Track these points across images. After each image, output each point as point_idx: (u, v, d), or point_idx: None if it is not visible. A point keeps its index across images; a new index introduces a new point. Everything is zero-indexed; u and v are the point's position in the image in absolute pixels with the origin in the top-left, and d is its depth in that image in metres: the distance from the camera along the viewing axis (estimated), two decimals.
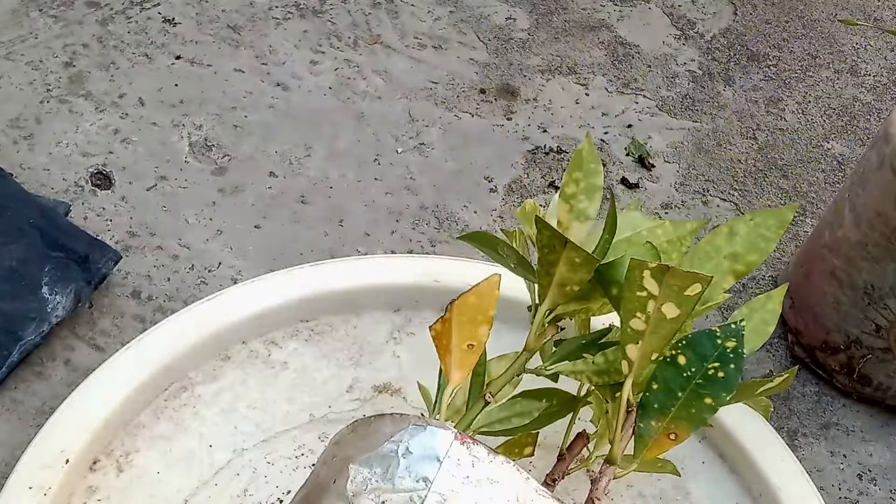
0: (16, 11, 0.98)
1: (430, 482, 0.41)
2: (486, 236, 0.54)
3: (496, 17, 1.06)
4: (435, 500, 0.41)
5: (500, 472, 0.42)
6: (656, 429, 0.49)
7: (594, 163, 0.56)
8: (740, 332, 0.49)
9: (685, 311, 0.47)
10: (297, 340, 0.71)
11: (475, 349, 0.50)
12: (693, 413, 0.48)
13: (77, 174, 0.84)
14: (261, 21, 1.02)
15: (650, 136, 0.94)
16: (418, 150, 0.91)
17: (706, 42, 1.06)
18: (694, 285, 0.46)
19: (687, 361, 0.49)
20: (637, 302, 0.47)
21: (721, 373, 0.48)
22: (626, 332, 0.48)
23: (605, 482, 0.50)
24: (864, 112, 0.99)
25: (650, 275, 0.46)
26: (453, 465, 0.42)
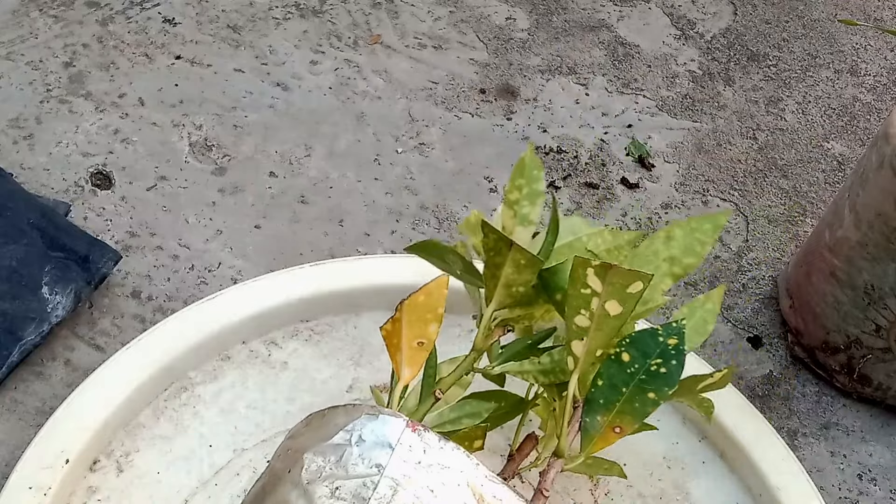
0: (16, 11, 0.98)
1: (382, 468, 0.42)
2: (433, 245, 0.56)
3: (496, 17, 1.06)
4: (388, 485, 0.42)
5: (451, 458, 0.43)
6: (601, 423, 0.51)
7: (536, 169, 0.59)
8: (681, 330, 0.51)
9: (628, 309, 0.49)
10: (297, 340, 0.71)
11: (425, 346, 0.51)
12: (637, 407, 0.51)
13: (77, 174, 0.84)
14: (261, 21, 1.02)
15: (650, 136, 0.94)
16: (418, 150, 0.91)
17: (706, 42, 1.06)
18: (635, 283, 0.48)
19: (631, 359, 0.51)
20: (581, 299, 0.49)
21: (663, 369, 0.51)
22: (572, 328, 0.51)
23: (552, 475, 0.52)
24: (864, 112, 0.99)
25: (594, 273, 0.48)
26: (405, 452, 0.43)
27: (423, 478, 0.42)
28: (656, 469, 0.66)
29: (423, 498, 0.41)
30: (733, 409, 0.67)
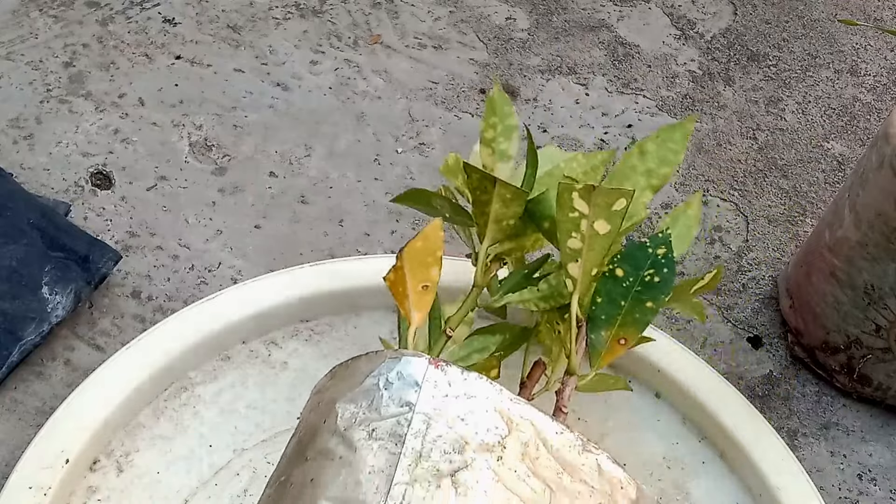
0: (16, 11, 0.98)
1: (413, 405, 0.43)
2: (419, 193, 0.60)
3: (496, 17, 1.06)
4: (421, 420, 0.43)
5: (476, 387, 0.45)
6: (606, 338, 0.54)
7: (507, 105, 0.63)
8: (667, 239, 0.54)
9: (615, 226, 0.52)
10: (297, 340, 0.71)
11: (430, 290, 0.54)
12: (637, 317, 0.53)
13: (77, 174, 0.84)
14: (261, 21, 1.02)
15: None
16: (418, 150, 0.91)
17: (706, 42, 1.06)
18: (619, 200, 0.51)
19: (624, 273, 0.54)
20: (571, 223, 0.52)
21: (657, 278, 0.54)
22: (566, 252, 0.53)
23: (568, 392, 0.54)
24: (864, 112, 0.99)
25: (579, 195, 0.50)
26: (431, 387, 0.44)
27: (452, 408, 0.44)
28: (656, 469, 0.66)
29: (456, 426, 0.43)
30: (733, 409, 0.67)
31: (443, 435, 0.43)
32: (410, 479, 0.41)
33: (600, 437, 0.66)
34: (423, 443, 0.42)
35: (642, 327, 0.53)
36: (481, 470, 0.42)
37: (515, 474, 0.43)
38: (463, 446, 0.42)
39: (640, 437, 0.67)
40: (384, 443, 0.42)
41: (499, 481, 0.42)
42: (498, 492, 0.42)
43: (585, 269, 0.53)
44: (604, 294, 0.54)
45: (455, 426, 0.43)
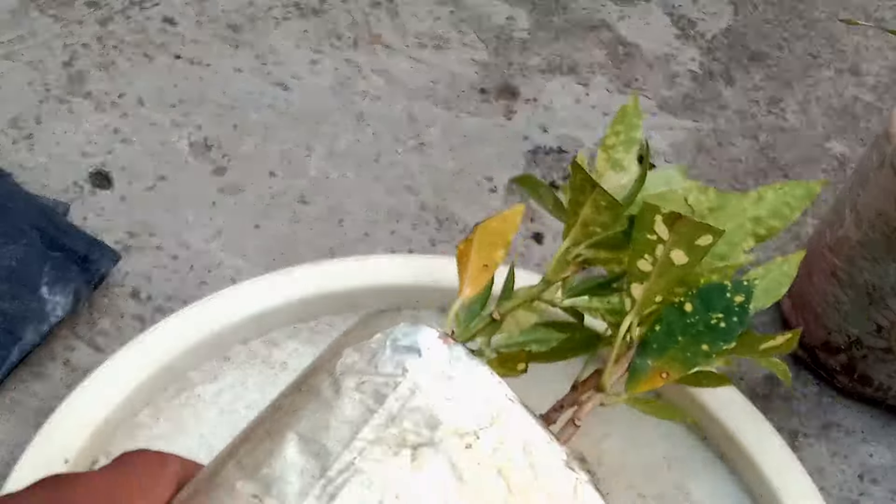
0: (15, 11, 0.98)
1: (406, 371, 0.43)
2: (530, 178, 0.60)
3: (496, 16, 1.06)
4: (407, 387, 0.43)
5: (475, 374, 0.44)
6: (651, 367, 0.52)
7: (636, 118, 0.60)
8: (751, 289, 0.51)
9: (694, 259, 0.49)
10: (297, 340, 0.71)
11: (488, 270, 0.53)
12: (688, 357, 0.51)
13: (76, 174, 0.84)
14: (261, 21, 1.02)
15: (651, 135, 0.94)
16: (418, 150, 0.90)
17: (707, 42, 1.06)
18: (705, 236, 0.48)
19: (693, 309, 0.51)
20: (646, 244, 0.49)
21: (723, 324, 0.51)
22: (633, 271, 0.51)
23: (588, 406, 0.53)
24: (865, 112, 0.99)
25: (661, 220, 0.48)
26: (430, 360, 0.44)
27: (442, 386, 0.44)
28: (657, 469, 0.66)
29: (437, 404, 0.43)
30: (734, 409, 0.67)
31: (421, 407, 0.42)
32: (374, 439, 0.41)
33: (602, 436, 0.66)
34: (401, 410, 0.42)
35: (689, 367, 0.51)
36: (443, 452, 0.42)
37: (478, 466, 0.42)
38: (436, 424, 0.42)
39: (641, 437, 0.67)
40: (366, 398, 0.43)
41: (455, 468, 0.42)
42: (450, 478, 0.42)
43: (649, 294, 0.51)
44: (665, 324, 0.51)
45: (436, 403, 0.43)
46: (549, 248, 0.83)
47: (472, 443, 0.43)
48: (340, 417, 0.43)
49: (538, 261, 0.82)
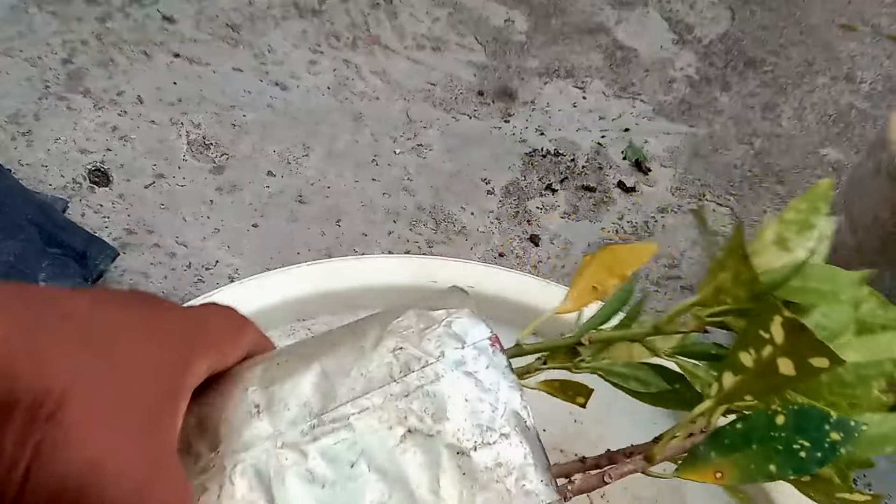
0: (14, 7, 0.98)
1: (442, 356, 0.43)
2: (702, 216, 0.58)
3: (494, 19, 1.06)
4: (434, 371, 0.43)
5: (502, 389, 0.43)
6: (711, 460, 0.49)
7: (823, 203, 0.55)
8: (854, 432, 0.45)
9: (802, 377, 0.45)
10: (294, 340, 0.71)
11: (596, 293, 0.52)
12: (751, 469, 0.47)
13: (75, 171, 0.84)
14: (259, 20, 1.02)
15: (647, 140, 0.94)
16: (416, 151, 0.91)
17: (704, 47, 1.06)
18: (821, 359, 0.42)
19: (783, 423, 0.47)
20: (756, 340, 0.45)
21: (803, 454, 0.46)
22: (732, 361, 0.47)
23: (624, 469, 0.51)
24: (860, 119, 0.99)
25: (780, 322, 0.43)
26: (469, 357, 0.44)
27: (466, 385, 0.43)
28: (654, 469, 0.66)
29: (452, 399, 0.43)
30: None
31: (437, 396, 0.42)
32: (380, 405, 0.41)
33: (598, 437, 0.66)
34: (417, 390, 0.42)
35: (746, 479, 0.47)
36: (434, 448, 0.42)
37: (461, 476, 0.42)
38: (442, 419, 0.42)
39: (637, 439, 0.67)
40: (395, 364, 0.43)
41: (437, 468, 0.42)
42: (426, 475, 0.42)
43: (739, 389, 0.46)
44: (748, 424, 0.47)
45: (452, 399, 0.43)
46: (546, 250, 0.83)
47: (467, 454, 0.43)
48: (363, 370, 0.43)
49: (534, 263, 0.82)
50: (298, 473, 0.40)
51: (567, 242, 0.84)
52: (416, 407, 0.42)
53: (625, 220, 0.87)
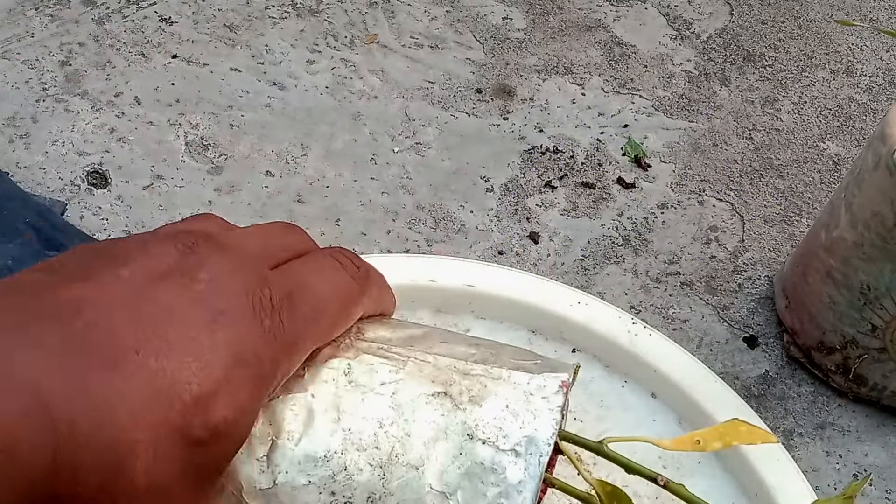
0: (12, 10, 0.98)
1: (515, 370, 0.45)
2: None
3: (492, 16, 1.06)
4: (497, 373, 0.46)
5: (542, 417, 0.45)
6: None
7: None
8: None
9: None
10: None
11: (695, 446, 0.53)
12: None
13: (73, 173, 0.84)
14: (257, 20, 1.02)
15: (646, 136, 0.94)
16: (415, 150, 0.91)
17: (702, 42, 1.06)
18: None
19: None
20: None
21: None
22: None
23: None
24: (860, 113, 0.99)
25: None
26: (535, 380, 0.45)
27: (514, 395, 0.45)
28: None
29: (497, 397, 0.44)
30: (729, 409, 0.67)
31: (486, 387, 0.44)
32: (441, 366, 0.44)
33: (596, 436, 0.66)
34: (476, 377, 0.44)
35: None
36: (452, 418, 0.43)
37: (457, 454, 0.43)
38: (476, 404, 0.43)
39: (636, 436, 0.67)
40: (476, 356, 0.46)
41: (444, 434, 0.43)
42: (430, 431, 0.43)
43: None
44: None
45: (496, 396, 0.44)
46: (545, 247, 0.83)
47: (474, 440, 0.43)
48: (449, 346, 0.46)
49: (534, 261, 0.82)
50: (341, 367, 0.43)
51: (567, 239, 0.84)
52: (465, 384, 0.44)
53: (624, 217, 0.86)
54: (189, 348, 0.36)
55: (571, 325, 0.70)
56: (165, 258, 0.38)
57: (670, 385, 0.69)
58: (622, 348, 0.70)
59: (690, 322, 0.79)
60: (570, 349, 0.71)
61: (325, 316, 0.43)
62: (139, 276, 0.37)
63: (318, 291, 0.43)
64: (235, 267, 0.39)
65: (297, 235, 0.46)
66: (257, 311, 0.38)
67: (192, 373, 0.35)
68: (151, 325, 0.35)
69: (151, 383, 0.34)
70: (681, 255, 0.84)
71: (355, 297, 0.46)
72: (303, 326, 0.41)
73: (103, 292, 0.36)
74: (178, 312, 0.36)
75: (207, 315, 0.37)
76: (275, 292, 0.40)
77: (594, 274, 0.82)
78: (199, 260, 0.39)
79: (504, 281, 0.71)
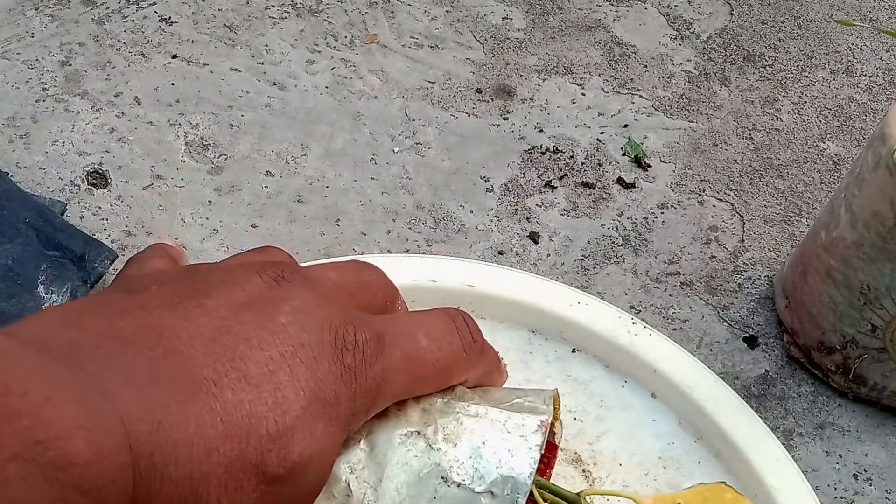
0: (12, 10, 0.98)
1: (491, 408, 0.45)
2: None
3: (492, 16, 1.06)
4: (475, 410, 0.45)
5: (519, 455, 0.44)
6: None
7: None
8: None
9: None
10: None
11: None
12: None
13: (73, 173, 0.84)
14: (257, 20, 1.02)
15: (646, 136, 0.94)
16: (415, 150, 0.91)
17: (702, 42, 1.06)
18: None
19: None
20: None
21: None
22: None
23: None
24: (860, 112, 0.99)
25: None
26: (514, 418, 0.45)
27: (492, 433, 0.45)
28: (652, 469, 0.66)
29: (473, 435, 0.44)
30: (729, 409, 0.67)
31: (462, 424, 0.43)
32: (416, 406, 0.44)
33: (596, 437, 0.66)
34: (453, 414, 0.44)
35: None
36: (427, 459, 0.43)
37: (431, 498, 0.42)
38: (451, 443, 0.42)
39: (636, 436, 0.67)
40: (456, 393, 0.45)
41: (417, 477, 0.42)
42: (403, 474, 0.42)
43: None
44: None
45: (472, 434, 0.43)
46: (545, 247, 0.83)
47: (449, 482, 0.42)
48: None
49: (534, 261, 0.82)
50: None
51: (566, 239, 0.84)
52: (441, 422, 0.43)
53: (624, 217, 0.86)
54: (267, 382, 0.35)
55: (571, 325, 0.70)
56: (250, 288, 0.38)
57: (670, 385, 0.69)
58: (622, 348, 0.70)
59: (690, 322, 0.79)
60: (570, 349, 0.72)
61: (419, 370, 0.41)
62: (222, 305, 0.37)
63: (418, 347, 0.41)
64: (320, 302, 0.38)
65: (373, 272, 0.46)
66: (339, 348, 0.38)
67: (269, 408, 0.35)
68: (230, 356, 0.35)
69: (227, 416, 0.34)
70: (681, 255, 0.84)
71: (461, 365, 0.45)
72: (386, 373, 0.40)
73: (187, 321, 0.36)
74: (257, 344, 0.36)
75: (288, 348, 0.36)
76: (360, 330, 0.39)
77: (594, 274, 0.82)
78: (286, 293, 0.38)
79: (504, 281, 0.71)
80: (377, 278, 0.46)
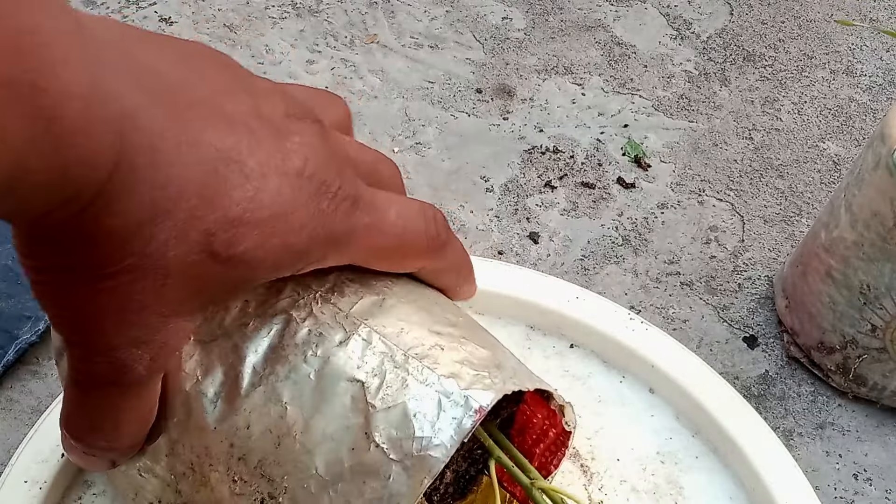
0: None
1: (442, 379, 0.45)
2: None
3: (492, 16, 1.06)
4: (427, 375, 0.45)
5: (442, 430, 0.44)
6: None
7: None
8: None
9: None
10: None
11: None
12: None
13: None
14: (257, 20, 1.02)
15: (646, 136, 0.94)
16: (415, 150, 0.91)
17: (702, 42, 1.06)
18: None
19: None
20: None
21: None
22: None
23: None
24: (860, 112, 0.99)
25: None
26: (457, 396, 0.45)
27: (429, 402, 0.45)
28: (650, 464, 0.66)
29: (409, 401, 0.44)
30: (727, 404, 0.67)
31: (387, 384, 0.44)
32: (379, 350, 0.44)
33: (594, 432, 0.66)
34: (403, 365, 0.44)
35: None
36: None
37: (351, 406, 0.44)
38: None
39: (634, 432, 0.67)
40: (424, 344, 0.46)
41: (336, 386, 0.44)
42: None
43: None
44: None
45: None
46: (545, 247, 0.83)
47: (369, 454, 0.42)
48: (432, 319, 0.47)
49: (534, 261, 0.82)
50: (285, 323, 0.44)
51: (566, 239, 0.84)
52: (390, 378, 0.43)
53: (624, 217, 0.86)
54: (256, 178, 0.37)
55: (569, 320, 0.71)
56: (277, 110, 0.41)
57: (668, 380, 0.69)
58: (620, 344, 0.70)
59: (690, 322, 0.79)
60: (569, 344, 0.72)
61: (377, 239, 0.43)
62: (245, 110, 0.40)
63: (385, 219, 0.43)
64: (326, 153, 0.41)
65: (390, 168, 0.48)
66: (321, 193, 0.40)
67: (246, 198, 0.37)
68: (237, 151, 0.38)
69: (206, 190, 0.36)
70: (681, 255, 0.84)
71: (418, 250, 0.46)
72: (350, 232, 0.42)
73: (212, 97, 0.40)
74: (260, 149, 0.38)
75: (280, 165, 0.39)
76: (344, 187, 0.41)
77: (594, 274, 0.82)
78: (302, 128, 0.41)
79: (502, 277, 0.71)
80: (390, 176, 0.47)
